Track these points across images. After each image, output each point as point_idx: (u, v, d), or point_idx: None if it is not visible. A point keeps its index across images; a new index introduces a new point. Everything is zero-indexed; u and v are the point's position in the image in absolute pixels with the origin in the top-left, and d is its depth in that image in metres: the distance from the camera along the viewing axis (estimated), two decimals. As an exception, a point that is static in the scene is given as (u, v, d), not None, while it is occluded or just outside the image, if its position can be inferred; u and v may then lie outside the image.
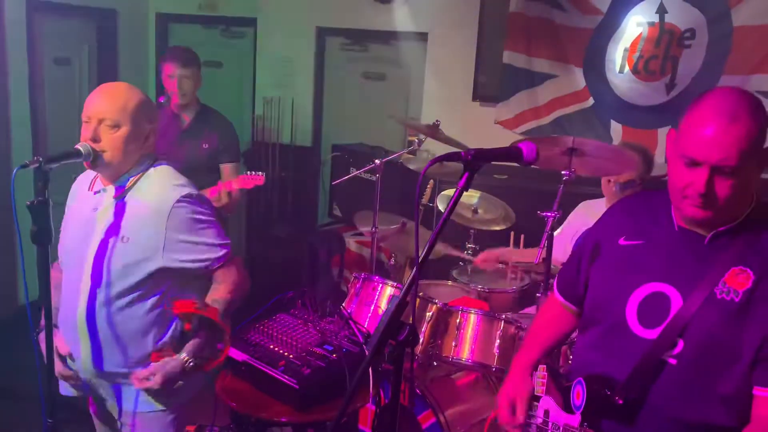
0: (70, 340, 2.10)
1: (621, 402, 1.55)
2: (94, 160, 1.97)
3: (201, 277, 2.14)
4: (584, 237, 1.82)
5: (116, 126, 1.98)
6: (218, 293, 2.10)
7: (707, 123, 1.44)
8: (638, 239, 1.67)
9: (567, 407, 1.68)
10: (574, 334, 1.95)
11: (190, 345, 2.05)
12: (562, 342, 1.98)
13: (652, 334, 1.56)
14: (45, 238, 1.76)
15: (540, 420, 1.77)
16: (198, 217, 2.07)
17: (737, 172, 1.43)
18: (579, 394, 1.62)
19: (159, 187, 2.07)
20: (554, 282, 1.98)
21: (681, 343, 1.52)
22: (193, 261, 2.08)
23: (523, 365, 1.88)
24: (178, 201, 2.03)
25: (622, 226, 1.72)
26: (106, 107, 1.99)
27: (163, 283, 2.07)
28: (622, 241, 1.69)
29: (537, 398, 1.81)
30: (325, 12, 5.39)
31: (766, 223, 1.55)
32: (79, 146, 1.94)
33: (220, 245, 2.11)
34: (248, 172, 3.45)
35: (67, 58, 5.13)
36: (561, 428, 1.68)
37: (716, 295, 1.51)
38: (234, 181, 3.43)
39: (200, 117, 3.64)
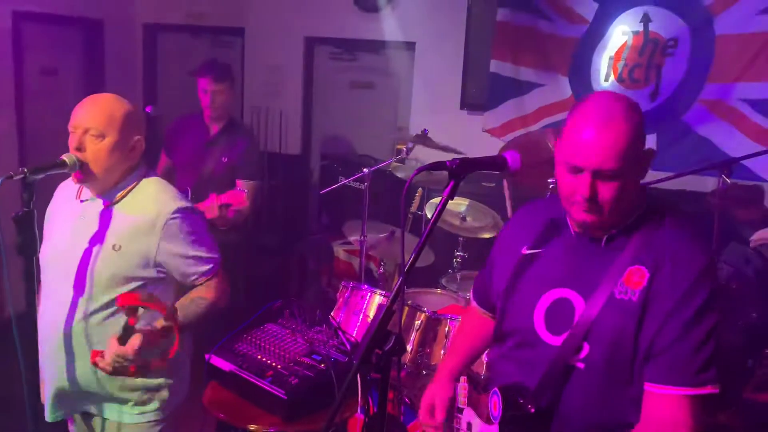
0: (49, 354, 2.05)
1: (533, 410, 1.55)
2: (81, 172, 1.96)
3: (186, 288, 2.14)
4: (494, 245, 1.84)
5: (101, 136, 1.97)
6: (203, 292, 2.11)
7: (583, 129, 1.47)
8: (539, 247, 1.68)
9: (487, 418, 1.68)
10: None
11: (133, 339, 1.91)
12: (484, 348, 1.99)
13: (559, 340, 1.57)
14: (31, 250, 1.75)
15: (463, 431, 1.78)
16: (191, 230, 2.07)
17: (619, 174, 1.46)
18: (496, 405, 1.62)
19: (153, 198, 2.07)
20: (471, 289, 2.00)
21: (586, 347, 1.53)
22: (183, 274, 2.09)
23: (445, 371, 1.91)
24: (173, 213, 2.03)
25: (524, 235, 1.73)
26: (92, 117, 1.98)
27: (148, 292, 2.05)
28: (524, 250, 1.71)
29: (461, 410, 1.82)
30: (313, 21, 5.41)
31: (659, 220, 1.56)
32: (64, 157, 1.93)
33: (209, 258, 2.12)
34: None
35: (54, 68, 5.11)
36: None
37: (615, 296, 1.52)
38: (222, 195, 3.41)
39: (227, 130, 3.71)
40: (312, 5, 5.36)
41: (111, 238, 2.02)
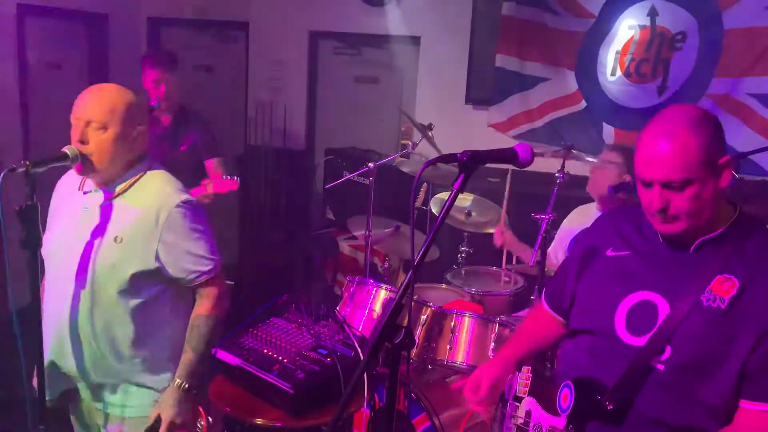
0: (55, 345, 2.06)
1: (611, 407, 1.57)
2: (83, 165, 1.95)
3: (188, 290, 2.14)
4: (571, 251, 1.86)
5: (103, 128, 1.95)
6: (202, 309, 2.13)
7: (649, 144, 1.53)
8: (625, 250, 1.71)
9: (551, 409, 1.69)
10: None
11: (180, 366, 2.08)
12: (547, 347, 2.02)
13: (640, 341, 1.59)
14: (34, 243, 1.74)
15: (521, 420, 1.78)
16: (194, 225, 2.06)
17: (687, 184, 1.50)
18: (566, 397, 1.63)
19: (157, 190, 2.05)
20: (543, 292, 2.01)
21: (668, 350, 1.55)
22: (182, 270, 2.07)
23: (502, 357, 1.92)
24: (177, 206, 2.02)
25: (608, 239, 1.77)
26: (94, 109, 1.96)
27: (151, 286, 2.06)
28: (609, 253, 1.74)
29: (519, 399, 1.82)
30: (317, 15, 5.39)
31: (749, 232, 1.58)
32: (66, 149, 1.91)
33: (210, 259, 2.11)
34: (225, 177, 3.43)
35: (58, 62, 5.11)
36: (544, 430, 1.69)
37: (702, 303, 1.53)
38: (209, 184, 3.42)
39: (178, 119, 3.63)
40: (316, -1, 5.34)
41: (113, 230, 2.00)
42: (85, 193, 2.08)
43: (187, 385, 2.06)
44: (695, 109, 1.57)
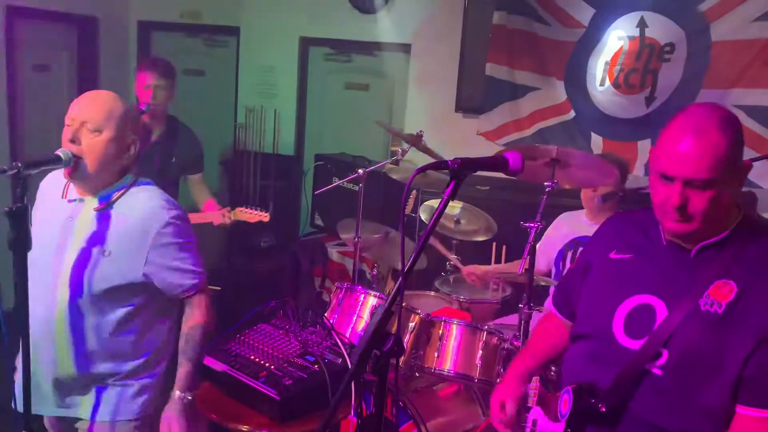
0: (37, 346, 2.01)
1: (604, 409, 1.57)
2: (75, 169, 1.94)
3: (176, 302, 2.15)
4: (579, 255, 1.87)
5: (98, 130, 1.95)
6: (194, 320, 2.12)
7: (677, 139, 1.49)
8: (627, 253, 1.71)
9: (555, 417, 1.69)
10: None
11: (179, 379, 2.06)
12: (557, 354, 2.01)
13: (637, 344, 1.59)
14: (23, 245, 1.72)
15: (528, 429, 1.79)
16: (182, 240, 2.07)
17: (710, 185, 1.47)
18: (566, 402, 1.64)
19: (147, 204, 2.04)
20: (550, 297, 2.01)
21: (665, 354, 1.54)
22: (170, 284, 2.07)
23: (516, 371, 1.92)
24: (167, 223, 2.02)
25: (612, 242, 1.76)
26: (90, 111, 1.96)
27: (138, 295, 2.06)
28: (612, 255, 1.73)
29: (528, 409, 1.83)
30: (308, 22, 5.39)
31: (751, 237, 1.57)
32: (59, 152, 1.90)
33: (197, 272, 2.11)
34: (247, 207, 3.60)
35: (47, 64, 5.07)
36: None
37: (700, 307, 1.53)
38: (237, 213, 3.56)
39: (169, 130, 3.61)
40: (308, 5, 5.34)
41: (102, 241, 2.00)
42: (70, 201, 2.06)
43: (189, 398, 2.05)
44: (724, 109, 1.54)
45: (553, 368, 2.30)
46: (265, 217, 3.55)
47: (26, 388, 1.84)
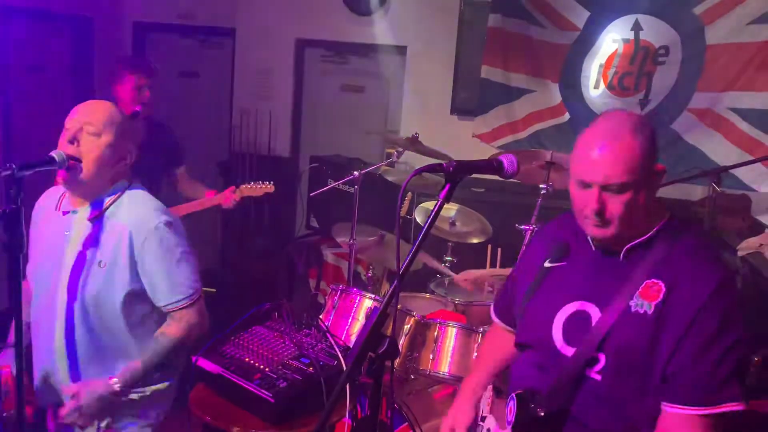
0: (46, 360, 2.06)
1: (542, 413, 1.57)
2: (69, 173, 1.93)
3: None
4: (516, 264, 1.87)
5: (98, 134, 1.97)
6: (169, 330, 2.09)
7: (591, 145, 1.53)
8: (560, 261, 1.72)
9: (504, 424, 1.70)
10: None
11: (123, 369, 2.04)
12: (507, 363, 2.01)
13: (573, 351, 1.60)
14: (17, 247, 1.72)
15: None
16: (172, 248, 2.04)
17: (626, 189, 1.50)
18: (511, 410, 1.64)
19: (136, 210, 2.04)
20: (492, 308, 2.02)
21: (602, 359, 1.55)
22: (157, 294, 2.05)
23: (469, 389, 1.92)
24: (155, 228, 2.01)
25: (545, 249, 1.78)
26: (92, 115, 1.98)
27: (144, 303, 2.06)
28: (547, 264, 1.75)
29: (483, 418, 1.83)
30: (304, 23, 5.39)
31: (679, 235, 1.58)
32: (53, 154, 1.90)
33: (186, 286, 2.08)
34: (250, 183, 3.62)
35: (42, 64, 5.05)
36: None
37: (630, 309, 1.54)
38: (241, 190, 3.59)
39: (153, 129, 3.60)
40: (303, 7, 5.34)
41: (96, 253, 2.01)
42: (64, 213, 2.06)
43: (118, 387, 2.00)
44: (636, 115, 1.59)
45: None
46: (269, 188, 3.59)
47: (20, 394, 1.84)
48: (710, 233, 3.04)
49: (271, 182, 3.61)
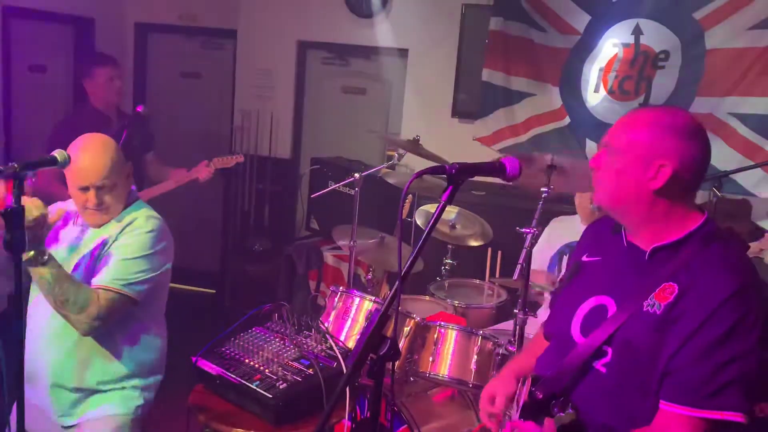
0: (35, 353, 2.09)
1: (540, 396, 1.60)
2: (98, 206, 2.12)
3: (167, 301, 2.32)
4: (568, 261, 1.91)
5: (114, 186, 2.13)
6: (93, 296, 2.06)
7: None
8: (597, 256, 1.76)
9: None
10: None
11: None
12: None
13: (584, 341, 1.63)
14: (19, 245, 1.72)
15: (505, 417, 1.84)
16: (144, 246, 2.16)
17: (614, 153, 1.60)
18: (523, 393, 1.69)
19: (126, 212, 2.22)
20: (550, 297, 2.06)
21: (610, 352, 1.57)
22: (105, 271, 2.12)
23: (510, 369, 1.94)
24: (140, 226, 2.18)
25: (587, 245, 1.82)
26: (100, 172, 2.10)
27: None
28: (585, 258, 1.78)
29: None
30: (306, 26, 5.39)
31: (708, 243, 1.56)
32: (55, 153, 1.93)
33: (127, 284, 2.12)
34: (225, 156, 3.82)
35: (43, 65, 5.06)
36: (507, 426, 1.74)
37: (643, 308, 1.55)
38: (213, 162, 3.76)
39: (122, 119, 3.73)
40: (305, 9, 5.34)
41: (94, 254, 2.17)
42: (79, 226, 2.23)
43: (32, 253, 1.95)
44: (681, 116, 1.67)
45: None
46: (239, 158, 3.85)
47: (19, 393, 1.84)
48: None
49: (241, 153, 3.86)
